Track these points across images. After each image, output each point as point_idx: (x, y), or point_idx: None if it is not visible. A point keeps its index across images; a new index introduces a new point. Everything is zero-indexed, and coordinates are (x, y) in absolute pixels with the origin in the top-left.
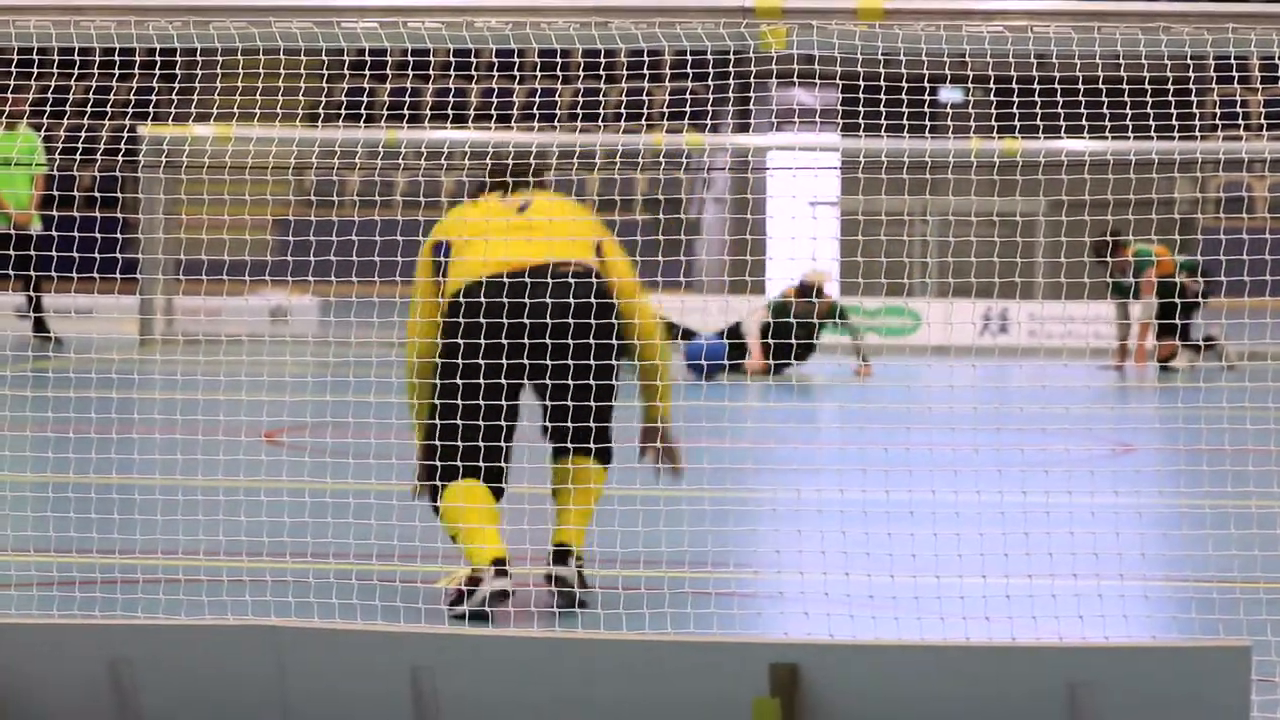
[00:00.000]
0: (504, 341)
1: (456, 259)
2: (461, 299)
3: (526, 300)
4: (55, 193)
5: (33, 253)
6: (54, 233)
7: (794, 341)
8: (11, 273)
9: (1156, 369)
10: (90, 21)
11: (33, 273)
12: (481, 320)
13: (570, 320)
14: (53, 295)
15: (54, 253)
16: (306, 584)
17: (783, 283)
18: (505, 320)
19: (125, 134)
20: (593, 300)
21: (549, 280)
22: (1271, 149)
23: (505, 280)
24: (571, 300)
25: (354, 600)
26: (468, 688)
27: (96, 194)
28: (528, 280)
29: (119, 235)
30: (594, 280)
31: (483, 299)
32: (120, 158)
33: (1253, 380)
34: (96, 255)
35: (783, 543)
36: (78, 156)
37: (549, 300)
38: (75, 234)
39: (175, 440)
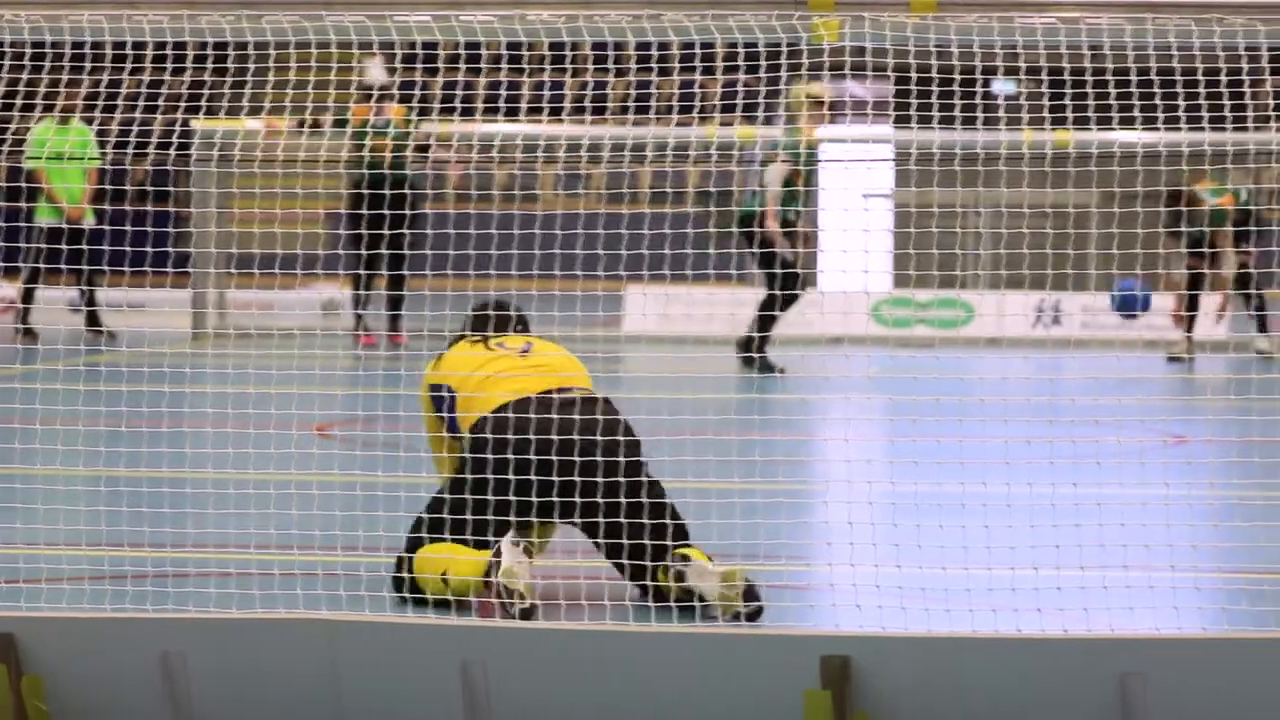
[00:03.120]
0: (533, 470)
1: (468, 397)
2: (490, 423)
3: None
4: (108, 187)
5: (85, 247)
6: (106, 227)
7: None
8: (65, 267)
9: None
10: (143, 16)
11: (86, 267)
12: (510, 438)
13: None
14: (105, 289)
15: (107, 246)
16: (358, 577)
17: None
18: (533, 437)
19: (177, 128)
20: (602, 417)
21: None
22: None
23: (533, 400)
24: (600, 417)
25: (406, 593)
26: (518, 680)
27: (149, 188)
28: (556, 400)
29: (171, 229)
30: (603, 400)
31: (510, 414)
32: (172, 152)
33: None
34: (149, 249)
35: (834, 535)
36: (130, 150)
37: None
38: (128, 228)
39: (227, 434)
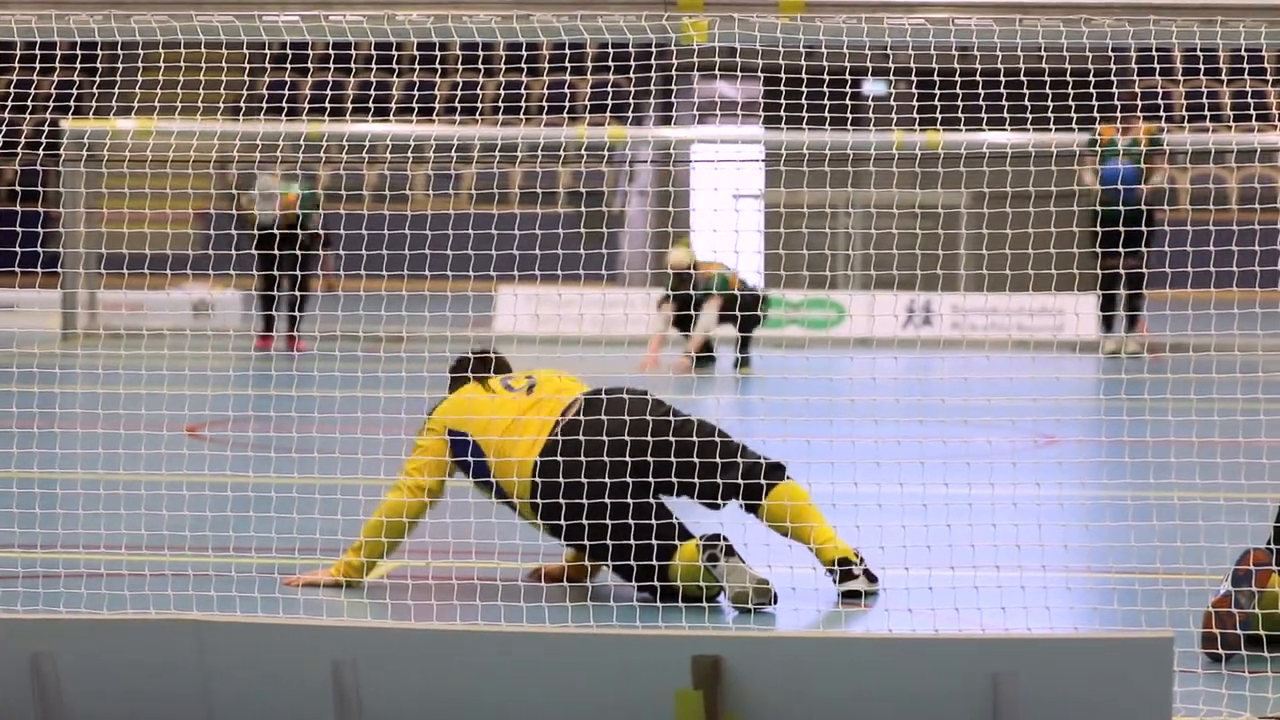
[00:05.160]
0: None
1: (497, 445)
2: (560, 439)
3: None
4: None
5: None
6: None
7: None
8: None
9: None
10: (10, 15)
11: None
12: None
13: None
14: None
15: None
16: (229, 578)
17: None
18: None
19: (46, 128)
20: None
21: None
22: (1194, 140)
23: (581, 414)
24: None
25: (276, 594)
26: (388, 680)
27: (18, 188)
28: (604, 399)
29: (40, 229)
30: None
31: (583, 419)
32: (42, 152)
33: (1174, 372)
34: (18, 249)
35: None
36: None
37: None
38: None
39: (98, 434)
